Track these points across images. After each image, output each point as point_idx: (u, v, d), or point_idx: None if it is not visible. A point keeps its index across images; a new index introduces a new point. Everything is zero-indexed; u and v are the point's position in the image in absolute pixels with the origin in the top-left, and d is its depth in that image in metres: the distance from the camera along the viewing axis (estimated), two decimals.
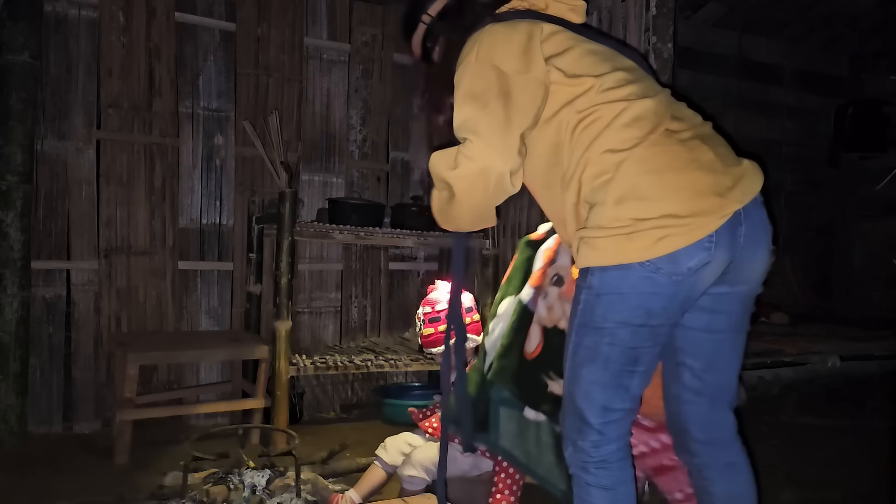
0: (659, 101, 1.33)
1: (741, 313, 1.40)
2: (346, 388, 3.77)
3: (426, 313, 2.21)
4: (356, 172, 3.84)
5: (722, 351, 1.42)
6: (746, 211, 1.27)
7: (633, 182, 1.24)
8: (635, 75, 1.38)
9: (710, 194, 1.23)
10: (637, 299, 1.27)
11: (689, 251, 1.22)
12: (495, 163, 1.31)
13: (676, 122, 1.32)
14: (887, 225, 4.77)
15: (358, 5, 3.80)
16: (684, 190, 1.23)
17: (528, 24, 1.37)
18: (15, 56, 2.95)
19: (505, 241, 3.42)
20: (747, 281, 1.36)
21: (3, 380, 2.93)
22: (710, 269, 1.26)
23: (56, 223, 3.15)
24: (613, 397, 1.34)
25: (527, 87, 1.32)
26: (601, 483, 1.36)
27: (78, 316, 3.18)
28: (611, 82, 1.33)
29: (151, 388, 3.27)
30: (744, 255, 1.29)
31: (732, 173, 1.28)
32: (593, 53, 1.38)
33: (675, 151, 1.27)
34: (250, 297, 3.41)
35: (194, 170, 3.44)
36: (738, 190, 1.26)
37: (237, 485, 2.10)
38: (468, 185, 1.35)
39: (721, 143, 1.35)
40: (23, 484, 2.49)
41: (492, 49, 1.34)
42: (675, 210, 1.22)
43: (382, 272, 3.89)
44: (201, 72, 3.44)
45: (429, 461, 2.09)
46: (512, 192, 1.38)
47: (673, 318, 1.32)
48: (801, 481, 2.58)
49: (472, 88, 1.34)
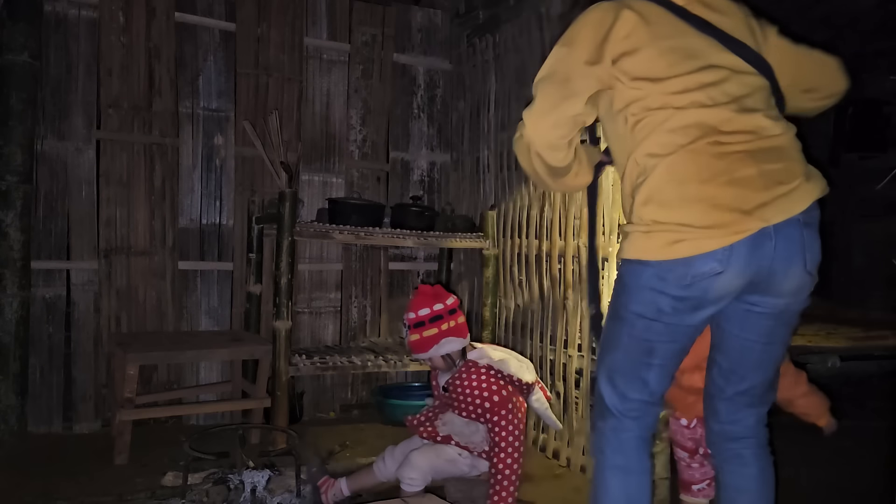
0: (719, 112, 1.34)
1: (774, 325, 1.42)
2: (346, 388, 3.77)
3: (410, 319, 2.19)
4: (356, 172, 3.84)
5: (750, 358, 1.46)
6: (779, 229, 1.30)
7: (658, 186, 1.32)
8: (717, 76, 1.36)
9: (730, 210, 1.27)
10: (649, 294, 1.35)
11: (701, 260, 1.28)
12: (533, 138, 1.45)
13: (733, 135, 1.33)
14: (887, 225, 4.77)
15: (358, 5, 3.80)
16: (702, 202, 1.28)
17: (616, 12, 1.40)
18: (15, 56, 2.95)
19: (505, 241, 3.42)
20: (781, 294, 1.37)
21: (3, 380, 2.93)
22: (725, 279, 1.30)
23: (56, 223, 3.15)
24: (631, 386, 1.43)
25: (586, 77, 1.41)
26: (616, 463, 1.44)
27: (78, 316, 3.18)
28: (676, 86, 1.35)
29: (151, 388, 3.27)
30: (776, 268, 1.32)
31: (773, 191, 1.30)
32: (671, 52, 1.37)
33: (708, 163, 1.30)
34: (250, 297, 3.41)
35: (194, 170, 3.44)
36: (770, 208, 1.29)
37: (237, 485, 2.10)
38: (517, 151, 1.54)
39: (781, 158, 1.34)
40: (23, 484, 2.49)
41: (579, 31, 1.43)
42: (690, 220, 1.29)
43: (382, 272, 3.89)
44: (201, 72, 3.44)
45: (427, 463, 2.10)
46: (558, 165, 1.50)
47: (687, 318, 1.37)
48: (800, 481, 2.58)
49: (549, 62, 1.46)
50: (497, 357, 2.18)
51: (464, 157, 3.92)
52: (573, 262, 2.88)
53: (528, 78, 3.23)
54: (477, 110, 3.77)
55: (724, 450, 1.54)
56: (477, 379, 2.10)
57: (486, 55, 3.65)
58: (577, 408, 2.85)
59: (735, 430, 1.52)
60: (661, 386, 1.45)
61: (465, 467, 2.16)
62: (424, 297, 2.20)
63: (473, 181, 3.80)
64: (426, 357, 2.19)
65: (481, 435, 2.14)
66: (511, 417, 2.05)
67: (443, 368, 2.22)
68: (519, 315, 3.33)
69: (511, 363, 2.17)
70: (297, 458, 2.16)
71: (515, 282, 3.35)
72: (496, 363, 2.14)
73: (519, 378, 2.15)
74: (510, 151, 3.41)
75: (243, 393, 3.27)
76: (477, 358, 2.17)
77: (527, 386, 2.18)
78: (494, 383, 2.09)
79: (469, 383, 2.11)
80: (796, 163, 1.36)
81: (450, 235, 3.40)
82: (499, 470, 2.01)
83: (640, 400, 1.44)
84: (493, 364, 2.14)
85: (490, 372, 2.12)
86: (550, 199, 3.04)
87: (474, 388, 2.09)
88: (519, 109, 3.32)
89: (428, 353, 2.17)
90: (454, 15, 4.00)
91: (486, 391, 2.07)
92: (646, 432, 1.47)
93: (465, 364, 2.17)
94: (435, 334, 2.15)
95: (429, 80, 4.05)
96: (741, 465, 1.51)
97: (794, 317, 1.44)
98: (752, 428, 1.52)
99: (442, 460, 2.13)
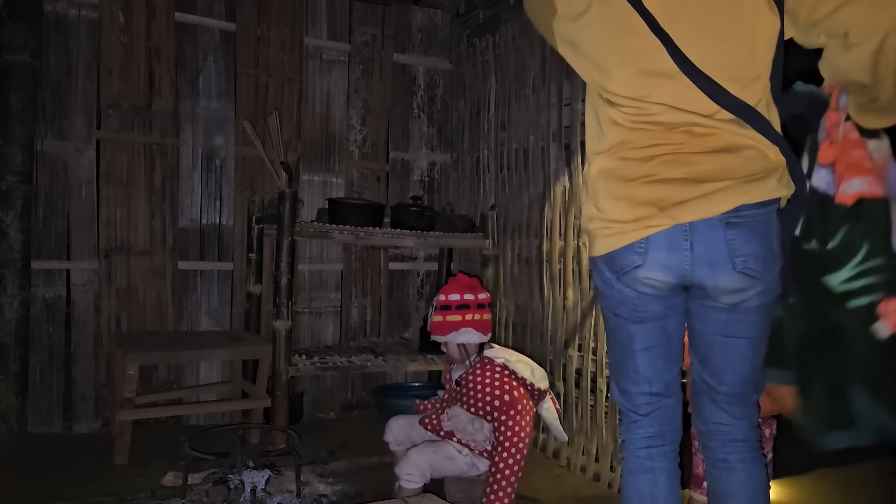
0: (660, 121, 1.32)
1: (729, 319, 1.40)
2: (346, 388, 3.77)
3: (439, 300, 2.27)
4: (356, 172, 3.84)
5: (715, 352, 1.44)
6: (696, 228, 1.31)
7: (595, 187, 1.42)
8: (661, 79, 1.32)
9: (648, 206, 1.33)
10: (603, 287, 1.47)
11: (623, 253, 1.37)
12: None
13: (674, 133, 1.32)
14: None
15: (358, 5, 3.80)
16: (626, 200, 1.36)
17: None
18: (15, 56, 2.95)
19: (505, 240, 3.42)
20: (719, 293, 1.36)
21: (3, 380, 2.93)
22: (647, 271, 1.36)
23: (56, 223, 3.15)
24: (626, 378, 1.49)
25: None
26: (628, 466, 1.48)
27: (78, 316, 3.18)
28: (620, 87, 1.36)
29: (151, 388, 3.27)
30: (700, 272, 1.33)
31: (693, 191, 1.30)
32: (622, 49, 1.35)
33: (635, 166, 1.35)
34: (250, 297, 3.41)
35: (194, 170, 3.44)
36: (683, 207, 1.30)
37: (237, 485, 2.10)
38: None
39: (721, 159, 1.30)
40: (23, 484, 2.49)
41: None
42: (617, 216, 1.37)
43: (382, 272, 3.89)
44: (201, 72, 3.45)
45: (424, 460, 2.10)
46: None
47: (639, 307, 1.42)
48: (800, 481, 2.58)
49: None
50: (513, 359, 2.19)
51: (464, 157, 3.93)
52: (573, 262, 2.88)
53: (528, 78, 3.25)
54: (477, 110, 3.77)
55: (710, 452, 1.49)
56: (490, 376, 2.11)
57: (486, 55, 3.65)
58: (576, 408, 2.85)
59: (720, 431, 1.47)
60: (655, 374, 1.45)
61: (463, 465, 2.16)
62: (458, 285, 2.28)
63: (473, 181, 3.80)
64: (443, 340, 2.24)
65: (484, 434, 2.14)
66: (518, 419, 2.05)
67: (456, 359, 2.23)
68: (519, 315, 3.33)
69: (526, 368, 2.18)
70: (297, 458, 2.16)
71: (515, 282, 3.35)
72: (511, 364, 2.16)
73: (532, 383, 2.16)
74: (510, 151, 3.41)
75: (243, 393, 3.27)
76: (493, 356, 2.18)
77: (538, 392, 2.18)
78: (507, 383, 2.10)
79: (482, 379, 2.11)
80: (743, 164, 1.31)
81: (450, 235, 3.40)
82: (499, 469, 2.01)
83: (640, 392, 1.47)
84: (508, 364, 2.15)
85: (504, 371, 2.13)
86: (551, 199, 3.04)
87: (486, 384, 2.10)
88: (519, 109, 3.34)
89: (446, 336, 2.22)
90: (454, 15, 4.01)
91: (497, 389, 2.08)
92: (660, 429, 1.47)
93: (480, 360, 2.18)
94: (457, 321, 2.21)
95: (429, 80, 4.05)
96: (728, 471, 1.46)
97: (753, 312, 1.39)
98: (737, 430, 1.46)
99: (439, 457, 2.13)
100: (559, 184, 2.99)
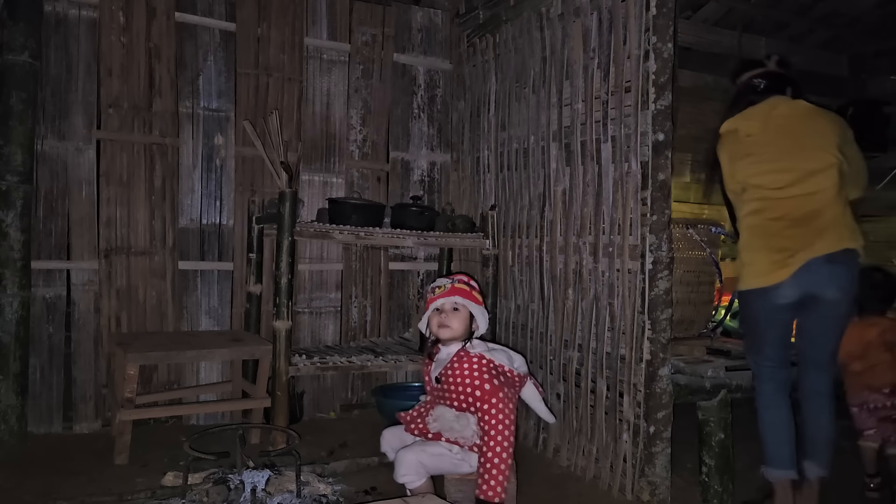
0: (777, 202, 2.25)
1: (820, 321, 2.29)
2: (346, 388, 3.77)
3: (461, 279, 2.31)
4: (356, 172, 3.84)
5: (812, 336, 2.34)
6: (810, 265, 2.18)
7: (745, 241, 2.34)
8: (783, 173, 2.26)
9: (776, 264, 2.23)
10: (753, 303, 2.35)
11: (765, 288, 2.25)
12: None
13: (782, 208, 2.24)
14: (887, 225, 4.77)
15: (358, 5, 3.80)
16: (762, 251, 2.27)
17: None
18: (15, 56, 2.95)
19: (505, 240, 3.42)
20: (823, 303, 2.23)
21: (3, 380, 2.93)
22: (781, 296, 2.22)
23: (56, 223, 3.15)
24: (760, 353, 2.36)
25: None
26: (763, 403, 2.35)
27: (78, 316, 3.18)
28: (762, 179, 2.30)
29: (151, 388, 3.28)
30: (813, 290, 2.21)
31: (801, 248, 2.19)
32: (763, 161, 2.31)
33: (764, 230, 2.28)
34: (250, 297, 3.41)
35: (194, 170, 3.44)
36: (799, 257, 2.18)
37: (237, 485, 2.10)
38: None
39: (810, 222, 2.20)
40: (23, 484, 2.49)
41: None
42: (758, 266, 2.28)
43: (382, 272, 3.89)
44: (201, 72, 3.45)
45: (414, 458, 2.10)
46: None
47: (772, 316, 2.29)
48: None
49: None
50: (489, 348, 2.20)
51: (464, 157, 3.93)
52: (573, 262, 2.88)
53: (528, 78, 3.25)
54: (477, 110, 3.77)
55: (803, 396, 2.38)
56: (469, 367, 2.12)
57: (486, 55, 3.65)
58: (576, 408, 2.85)
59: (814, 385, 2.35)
60: (775, 354, 2.32)
61: (455, 459, 2.16)
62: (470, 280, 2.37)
63: (473, 181, 3.80)
64: (464, 304, 2.23)
65: (471, 429, 2.14)
66: (502, 406, 2.05)
67: (453, 333, 2.22)
68: (519, 315, 3.33)
69: (503, 355, 2.20)
70: (298, 458, 2.16)
71: (515, 282, 3.35)
72: (488, 353, 2.17)
73: (511, 369, 2.17)
74: (510, 151, 3.41)
75: (243, 393, 3.27)
76: (468, 349, 2.19)
77: (519, 378, 2.19)
78: (486, 372, 2.11)
79: (461, 371, 2.12)
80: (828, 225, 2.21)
81: (450, 235, 3.40)
82: (488, 458, 2.00)
83: (767, 365, 2.34)
84: (485, 354, 2.16)
85: (483, 361, 2.14)
86: (551, 199, 3.04)
87: (466, 375, 2.11)
88: (519, 109, 3.34)
89: (470, 302, 2.24)
90: (454, 15, 4.01)
91: (477, 379, 2.09)
92: (780, 385, 2.33)
93: (457, 353, 2.18)
94: (482, 302, 2.29)
95: (429, 80, 4.05)
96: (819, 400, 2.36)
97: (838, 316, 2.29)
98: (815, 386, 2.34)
99: (428, 454, 2.14)
100: (559, 184, 2.99)
